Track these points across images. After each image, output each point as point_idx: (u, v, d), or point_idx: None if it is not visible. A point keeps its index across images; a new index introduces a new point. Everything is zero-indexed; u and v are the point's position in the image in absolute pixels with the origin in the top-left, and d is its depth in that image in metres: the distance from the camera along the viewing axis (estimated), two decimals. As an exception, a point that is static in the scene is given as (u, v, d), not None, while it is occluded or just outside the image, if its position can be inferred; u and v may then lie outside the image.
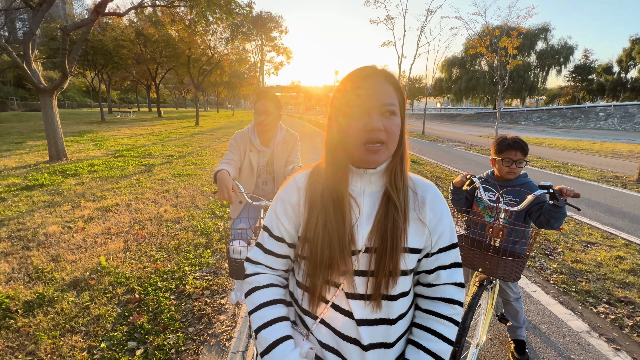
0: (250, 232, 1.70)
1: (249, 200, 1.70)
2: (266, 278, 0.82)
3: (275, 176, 2.10)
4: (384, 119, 0.70)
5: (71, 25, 7.86)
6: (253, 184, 2.06)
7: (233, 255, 1.59)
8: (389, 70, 0.74)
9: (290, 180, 0.83)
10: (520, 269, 1.59)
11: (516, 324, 2.06)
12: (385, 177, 0.77)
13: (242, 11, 14.83)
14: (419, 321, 0.80)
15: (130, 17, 26.68)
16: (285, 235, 0.81)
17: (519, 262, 1.57)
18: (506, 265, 1.57)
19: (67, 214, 4.40)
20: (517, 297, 2.02)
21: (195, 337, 2.21)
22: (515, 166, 1.88)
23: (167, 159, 9.07)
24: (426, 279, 0.82)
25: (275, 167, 2.08)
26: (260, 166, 2.08)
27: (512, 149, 1.88)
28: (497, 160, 1.94)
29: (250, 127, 2.03)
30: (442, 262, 0.79)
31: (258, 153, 2.04)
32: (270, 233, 0.82)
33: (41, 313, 2.36)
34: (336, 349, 0.76)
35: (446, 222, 0.79)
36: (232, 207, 2.07)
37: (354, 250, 0.73)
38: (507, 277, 1.58)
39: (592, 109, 32.32)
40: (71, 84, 45.64)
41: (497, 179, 2.00)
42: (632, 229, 4.44)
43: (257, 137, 2.00)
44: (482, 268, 1.64)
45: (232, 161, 1.95)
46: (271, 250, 0.82)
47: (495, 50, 14.90)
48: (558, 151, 13.14)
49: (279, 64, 38.76)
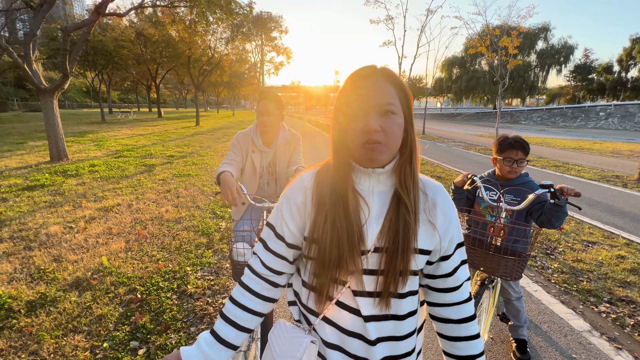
0: (253, 234, 1.67)
1: (252, 201, 1.66)
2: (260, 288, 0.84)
3: (277, 177, 2.08)
4: (382, 119, 0.69)
5: (72, 26, 7.87)
6: (256, 185, 2.04)
7: (237, 257, 1.57)
8: (390, 70, 0.73)
9: (296, 179, 0.82)
10: (522, 268, 1.59)
11: (517, 323, 2.06)
12: (394, 176, 0.76)
13: (242, 11, 14.83)
14: (454, 352, 0.81)
15: (130, 18, 26.72)
16: (287, 234, 0.80)
17: (520, 261, 1.57)
18: (507, 264, 1.57)
19: (69, 214, 4.41)
20: (518, 297, 2.03)
21: (197, 337, 2.21)
22: (517, 165, 1.88)
23: (167, 159, 9.08)
24: (445, 284, 0.80)
25: (277, 168, 2.05)
26: (263, 167, 2.05)
27: (514, 148, 1.88)
28: (499, 159, 1.95)
29: (252, 128, 2.00)
30: (456, 263, 0.79)
31: (260, 154, 2.02)
32: (275, 231, 0.82)
33: (43, 313, 2.36)
34: (340, 345, 0.76)
35: (455, 224, 0.79)
36: (234, 208, 2.05)
37: (363, 250, 0.73)
38: (508, 276, 1.59)
39: (592, 108, 32.30)
40: (71, 84, 45.67)
41: (498, 179, 2.01)
42: (633, 228, 4.44)
43: (259, 138, 1.97)
44: (483, 267, 1.64)
45: (234, 162, 1.92)
46: (272, 249, 0.82)
47: (496, 50, 14.90)
48: (558, 151, 13.14)
49: (279, 64, 38.76)
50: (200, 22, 11.56)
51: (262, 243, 0.84)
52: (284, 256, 0.82)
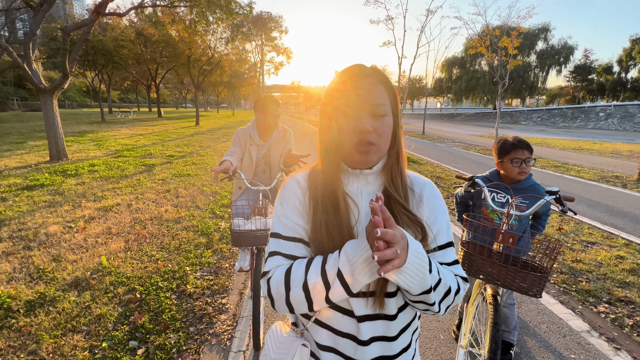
0: (248, 209, 2.11)
1: (248, 185, 2.14)
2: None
3: (271, 166, 2.47)
4: (373, 120, 0.69)
5: (72, 26, 7.87)
6: (252, 172, 2.45)
7: (234, 227, 1.97)
8: (379, 68, 0.73)
9: (290, 180, 0.81)
10: (544, 283, 1.40)
11: (505, 328, 1.99)
12: (383, 176, 0.76)
13: (242, 11, 14.85)
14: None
15: (130, 18, 26.72)
16: (302, 232, 0.75)
17: (542, 278, 1.38)
18: (528, 279, 1.38)
19: (68, 214, 4.41)
20: (511, 303, 1.97)
21: (196, 337, 2.21)
22: (525, 165, 1.82)
23: (167, 159, 9.08)
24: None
25: (271, 159, 2.45)
26: (259, 158, 2.45)
27: (518, 148, 1.82)
28: (505, 162, 1.86)
29: (250, 125, 2.39)
30: (442, 259, 0.78)
31: (257, 147, 2.42)
32: (282, 237, 0.76)
33: (43, 313, 2.36)
34: (333, 347, 0.75)
35: (443, 220, 0.78)
36: (235, 191, 2.51)
37: None
38: (529, 290, 1.39)
39: (592, 109, 32.30)
40: (71, 84, 45.64)
41: (506, 182, 1.91)
42: (632, 228, 4.44)
43: (256, 133, 2.37)
44: (500, 281, 1.44)
45: (235, 153, 2.35)
46: (290, 255, 0.75)
47: (496, 50, 14.89)
48: (558, 151, 13.14)
49: (279, 64, 38.76)
50: (200, 22, 11.57)
51: (274, 254, 0.76)
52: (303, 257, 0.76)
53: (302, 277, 0.68)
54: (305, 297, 0.67)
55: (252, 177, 2.44)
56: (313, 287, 0.66)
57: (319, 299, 0.67)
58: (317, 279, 0.66)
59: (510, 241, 1.48)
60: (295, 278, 0.68)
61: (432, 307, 0.70)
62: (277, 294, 0.71)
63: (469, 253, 1.51)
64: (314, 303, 0.68)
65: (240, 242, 1.97)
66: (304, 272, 0.68)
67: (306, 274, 0.68)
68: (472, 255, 1.50)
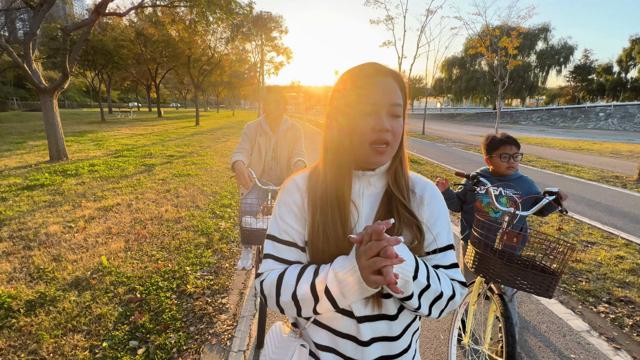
0: (258, 207, 2.14)
1: (259, 184, 2.16)
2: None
3: (279, 162, 2.51)
4: (391, 119, 0.68)
5: (72, 26, 7.87)
6: (261, 167, 2.48)
7: (245, 225, 1.97)
8: (395, 69, 0.71)
9: (289, 182, 0.80)
10: (555, 285, 1.39)
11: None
12: (387, 178, 0.76)
13: (242, 11, 14.85)
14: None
15: (130, 17, 26.66)
16: (297, 237, 0.76)
17: (555, 279, 1.37)
18: (542, 281, 1.37)
19: (68, 214, 4.41)
20: (509, 298, 1.98)
21: (196, 337, 2.22)
22: (513, 160, 1.94)
23: (167, 158, 9.08)
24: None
25: (279, 152, 2.48)
26: (268, 150, 2.48)
27: (506, 143, 1.94)
28: (494, 157, 1.98)
29: (262, 118, 2.48)
30: (440, 262, 0.77)
31: (267, 137, 2.47)
32: (277, 239, 0.76)
33: (43, 312, 2.36)
34: (333, 347, 0.75)
35: (444, 222, 0.77)
36: (243, 188, 2.52)
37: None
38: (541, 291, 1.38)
39: (592, 109, 32.30)
40: (71, 84, 45.66)
41: (494, 176, 2.05)
42: (632, 228, 4.44)
43: (267, 124, 2.45)
44: (511, 282, 1.42)
45: (244, 150, 2.39)
46: (283, 259, 0.75)
47: (495, 50, 14.90)
48: (558, 151, 13.14)
49: (279, 64, 38.69)
50: (200, 22, 11.57)
51: (269, 257, 0.77)
52: (296, 261, 0.77)
53: (292, 287, 0.69)
54: (295, 305, 0.69)
55: (260, 174, 2.49)
56: (302, 298, 0.67)
57: (307, 310, 0.68)
58: (306, 291, 0.67)
59: (514, 240, 1.51)
60: (286, 286, 0.70)
61: (420, 311, 0.69)
62: (269, 296, 0.73)
63: (480, 253, 1.48)
64: (302, 311, 0.69)
65: (251, 240, 1.98)
66: (294, 282, 0.69)
67: (296, 285, 0.68)
68: (484, 256, 1.46)
